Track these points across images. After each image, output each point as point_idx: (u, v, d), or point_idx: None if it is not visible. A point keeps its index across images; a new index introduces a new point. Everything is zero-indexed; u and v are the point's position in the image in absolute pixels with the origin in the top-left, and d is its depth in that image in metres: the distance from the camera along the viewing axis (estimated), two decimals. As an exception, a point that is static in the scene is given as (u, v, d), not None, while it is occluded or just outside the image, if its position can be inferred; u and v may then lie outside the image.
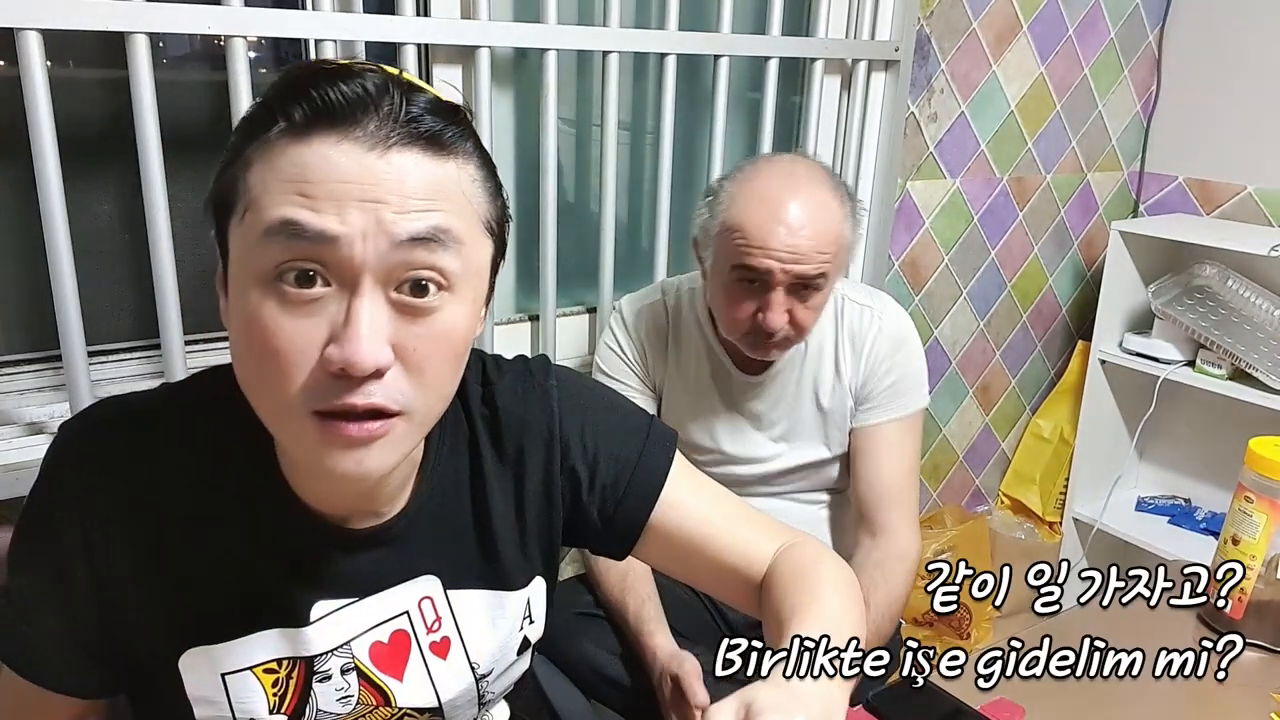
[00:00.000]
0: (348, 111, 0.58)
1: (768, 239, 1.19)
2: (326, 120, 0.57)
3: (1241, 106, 2.24)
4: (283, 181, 0.58)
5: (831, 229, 1.21)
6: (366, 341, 0.57)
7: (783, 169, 1.25)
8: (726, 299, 1.25)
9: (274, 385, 0.60)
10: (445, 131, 0.60)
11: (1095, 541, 2.36)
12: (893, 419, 1.37)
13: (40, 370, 1.32)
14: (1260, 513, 1.05)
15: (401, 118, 0.58)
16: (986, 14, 1.97)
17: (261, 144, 0.59)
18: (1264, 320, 2.11)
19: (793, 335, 1.25)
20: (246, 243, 0.59)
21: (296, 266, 0.57)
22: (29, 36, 1.08)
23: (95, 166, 1.29)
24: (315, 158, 0.57)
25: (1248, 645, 1.06)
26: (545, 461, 0.79)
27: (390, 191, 0.58)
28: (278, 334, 0.58)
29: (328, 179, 0.57)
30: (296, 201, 0.57)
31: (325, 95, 0.57)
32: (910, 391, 1.38)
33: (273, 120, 0.59)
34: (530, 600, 0.82)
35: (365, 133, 0.58)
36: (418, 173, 0.59)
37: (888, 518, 1.35)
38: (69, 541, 0.67)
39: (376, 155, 0.58)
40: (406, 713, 0.77)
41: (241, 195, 0.60)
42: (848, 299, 1.38)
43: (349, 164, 0.57)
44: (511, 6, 1.54)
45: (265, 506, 0.70)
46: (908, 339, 1.39)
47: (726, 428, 1.40)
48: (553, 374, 0.82)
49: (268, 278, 0.58)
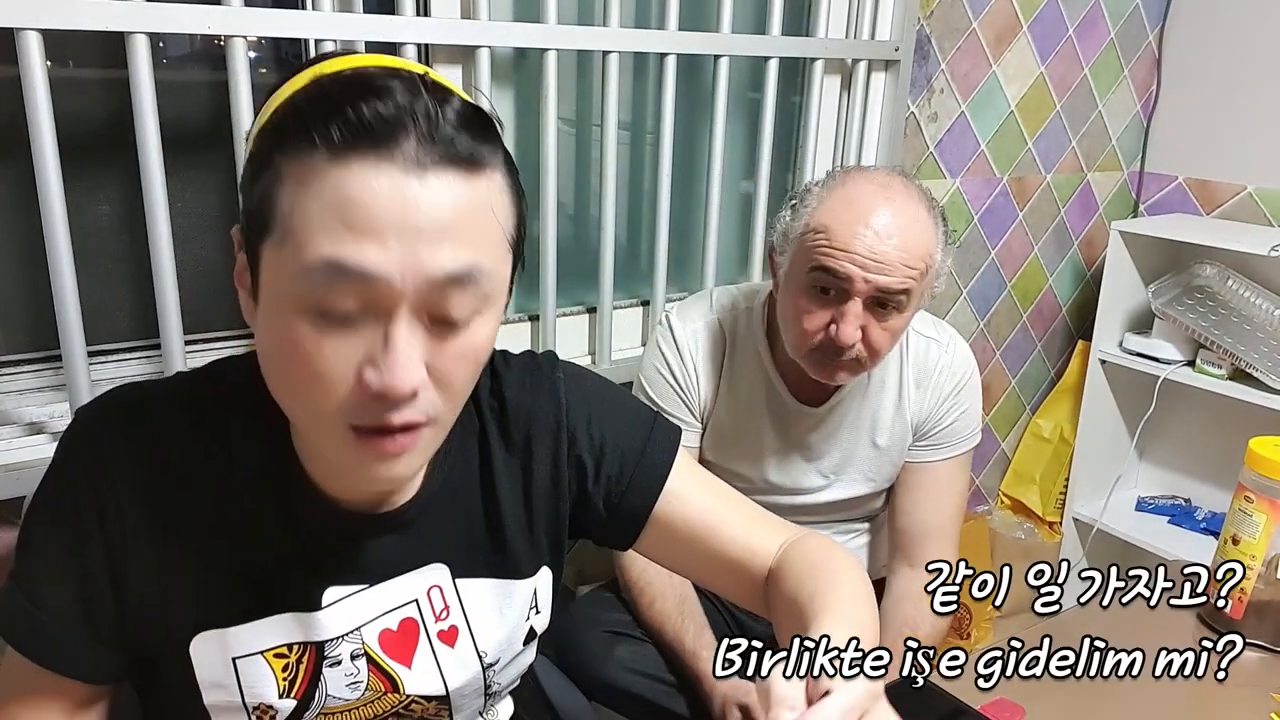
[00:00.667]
0: (386, 132, 0.57)
1: (851, 242, 1.11)
2: (365, 142, 0.57)
3: (1242, 106, 2.24)
4: (324, 212, 0.57)
5: (921, 244, 1.14)
6: (405, 369, 0.59)
7: (878, 178, 1.17)
8: (798, 308, 1.18)
9: (310, 401, 0.62)
10: (479, 148, 0.61)
11: (1095, 541, 2.36)
12: (948, 457, 1.35)
13: (40, 370, 1.31)
14: (1260, 513, 1.05)
15: (438, 137, 0.58)
16: (986, 14, 1.97)
17: (296, 162, 0.58)
18: (1264, 320, 2.11)
19: (864, 357, 1.17)
20: (284, 269, 0.59)
21: (337, 305, 0.58)
22: (29, 36, 1.08)
23: (95, 166, 1.28)
24: (356, 187, 0.57)
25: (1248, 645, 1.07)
26: (552, 452, 0.81)
27: (427, 220, 0.58)
28: (315, 356, 0.60)
29: (368, 210, 0.57)
30: (338, 236, 0.57)
31: (361, 114, 0.57)
32: (968, 431, 1.36)
33: (309, 137, 0.58)
34: (537, 590, 0.83)
35: (404, 155, 0.57)
36: (452, 198, 0.59)
37: (928, 554, 1.32)
38: (84, 523, 0.68)
39: (415, 179, 0.58)
40: (414, 700, 0.78)
41: (278, 218, 0.59)
42: (914, 331, 1.32)
43: (389, 192, 0.57)
44: (511, 6, 1.54)
45: (279, 492, 0.71)
46: (971, 376, 1.35)
47: (774, 458, 1.34)
48: (560, 367, 0.84)
49: (307, 307, 0.59)
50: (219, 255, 1.39)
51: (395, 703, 0.77)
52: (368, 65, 0.61)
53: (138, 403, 0.72)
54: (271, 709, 0.73)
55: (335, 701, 0.75)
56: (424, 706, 0.79)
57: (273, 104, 0.63)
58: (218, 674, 0.71)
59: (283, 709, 0.73)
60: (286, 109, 0.61)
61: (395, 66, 0.62)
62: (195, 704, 0.72)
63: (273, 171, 0.59)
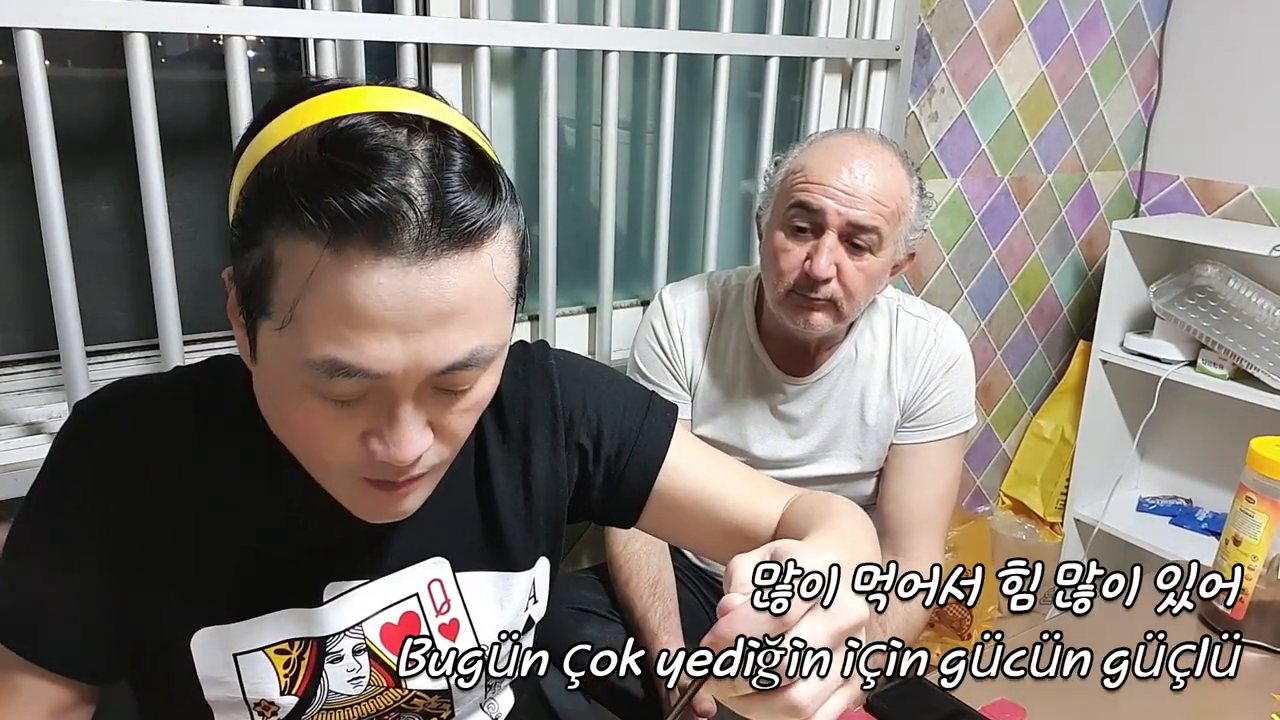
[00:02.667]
0: (385, 224, 0.54)
1: (826, 176, 1.19)
2: (362, 235, 0.54)
3: (1243, 106, 2.24)
4: (324, 312, 0.55)
5: (894, 186, 1.21)
6: (410, 444, 0.60)
7: (858, 133, 1.28)
8: (776, 249, 1.24)
9: (313, 456, 0.64)
10: (484, 215, 0.57)
11: (1096, 542, 2.36)
12: (936, 440, 1.35)
13: (38, 370, 1.31)
14: (1261, 513, 1.05)
15: (441, 216, 0.55)
16: (987, 13, 1.97)
17: (290, 247, 0.55)
18: (1265, 320, 2.10)
19: (839, 298, 1.22)
20: (284, 354, 0.58)
21: (338, 393, 0.58)
22: (27, 36, 1.08)
23: (94, 166, 1.28)
24: (355, 289, 0.54)
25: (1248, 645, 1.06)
26: (550, 440, 0.81)
27: (430, 312, 0.56)
28: (319, 429, 0.61)
29: (370, 311, 0.55)
30: (340, 336, 0.56)
31: (354, 206, 0.53)
32: (958, 413, 1.36)
33: (302, 221, 0.54)
34: (535, 581, 0.83)
35: (403, 246, 0.54)
36: (457, 283, 0.56)
37: (915, 541, 1.32)
38: (85, 519, 0.68)
39: (418, 270, 0.55)
40: (416, 695, 0.78)
41: (275, 304, 0.57)
42: (904, 310, 1.36)
43: (390, 289, 0.54)
44: (511, 5, 1.54)
45: (278, 488, 0.71)
46: (962, 358, 1.36)
47: (757, 429, 1.37)
48: (551, 354, 0.84)
49: (308, 389, 0.59)
50: (217, 255, 1.39)
51: (397, 697, 0.77)
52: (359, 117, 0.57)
53: (138, 397, 0.72)
54: (273, 705, 0.72)
55: (337, 697, 0.75)
56: (425, 700, 0.79)
57: (260, 148, 0.59)
58: (219, 670, 0.71)
59: (284, 705, 0.73)
60: (274, 181, 0.56)
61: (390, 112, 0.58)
62: (196, 700, 0.72)
63: (264, 250, 0.57)
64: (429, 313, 0.56)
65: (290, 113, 0.59)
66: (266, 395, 0.64)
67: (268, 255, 0.57)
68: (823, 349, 1.34)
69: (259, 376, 0.64)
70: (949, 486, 1.37)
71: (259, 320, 0.59)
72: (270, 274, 0.57)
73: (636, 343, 1.41)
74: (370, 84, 0.61)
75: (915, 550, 1.31)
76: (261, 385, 0.64)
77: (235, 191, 0.60)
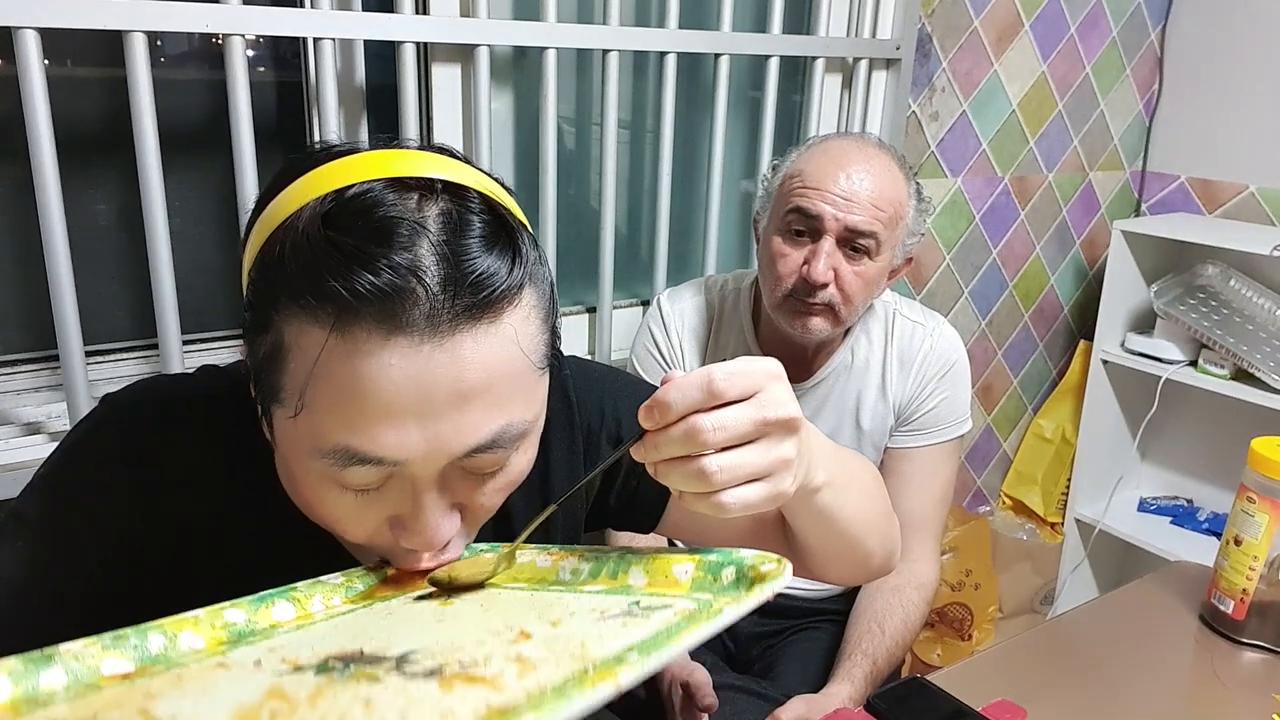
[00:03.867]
0: (392, 303, 0.51)
1: (824, 181, 1.19)
2: (370, 316, 0.51)
3: (1244, 105, 2.24)
4: (335, 399, 0.53)
5: (891, 191, 1.21)
6: (436, 532, 0.59)
7: (853, 138, 1.27)
8: (774, 253, 1.24)
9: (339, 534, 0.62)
10: (501, 285, 0.54)
11: (1097, 542, 2.35)
12: (931, 444, 1.35)
13: (37, 370, 1.31)
14: (1262, 513, 1.05)
15: (455, 289, 0.52)
16: (988, 12, 1.97)
17: (298, 331, 0.53)
18: (1266, 320, 2.10)
19: (837, 303, 1.22)
20: (299, 440, 0.56)
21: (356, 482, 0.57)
22: (27, 35, 1.08)
23: (93, 166, 1.28)
24: (365, 372, 0.52)
25: (1248, 646, 1.06)
26: (568, 453, 0.80)
27: (447, 393, 0.53)
28: (339, 514, 0.59)
29: (382, 396, 0.52)
30: (353, 424, 0.53)
31: (358, 288, 0.51)
32: (953, 417, 1.36)
33: (307, 304, 0.52)
34: None
35: (415, 325, 0.51)
36: (476, 358, 0.54)
37: (910, 545, 1.31)
38: (97, 512, 0.66)
39: (431, 347, 0.52)
40: None
41: (286, 392, 0.55)
42: (900, 314, 1.36)
43: (402, 371, 0.52)
44: (511, 5, 1.54)
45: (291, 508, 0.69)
46: (958, 363, 1.36)
47: None
48: (564, 364, 0.82)
49: (325, 476, 0.57)
50: (217, 255, 1.39)
51: None
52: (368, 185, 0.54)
53: (171, 397, 0.70)
54: None
55: None
56: None
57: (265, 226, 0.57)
58: None
59: None
60: (277, 263, 0.54)
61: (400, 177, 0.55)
62: None
63: (273, 334, 0.55)
64: (447, 394, 0.53)
65: (296, 184, 0.57)
66: (286, 479, 0.62)
67: (277, 340, 0.55)
68: (820, 354, 1.34)
69: (278, 458, 0.62)
70: (944, 490, 1.37)
71: (272, 407, 0.58)
72: (280, 360, 0.55)
73: (635, 348, 1.41)
74: (380, 147, 0.59)
75: (911, 553, 1.31)
76: (281, 468, 0.63)
77: (245, 271, 0.59)
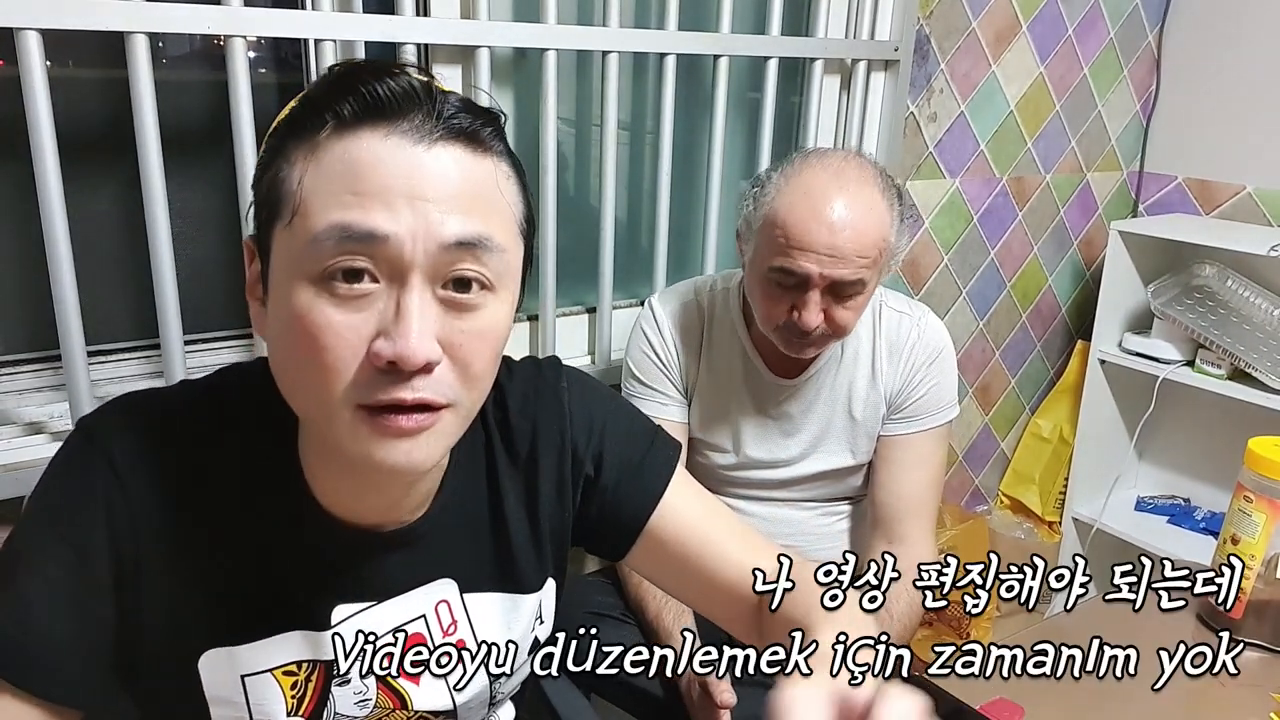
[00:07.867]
0: (395, 105, 0.59)
1: (807, 238, 1.17)
2: (374, 114, 0.59)
3: (1241, 106, 2.24)
4: (332, 181, 0.59)
5: (874, 231, 1.19)
6: (417, 337, 0.58)
7: (832, 166, 1.21)
8: (763, 294, 1.25)
9: (320, 382, 0.60)
10: (483, 129, 0.63)
11: (1095, 541, 2.36)
12: (923, 430, 1.37)
13: (39, 370, 1.31)
14: (1259, 512, 1.05)
15: (444, 114, 0.60)
16: (986, 14, 1.97)
17: (308, 144, 0.60)
18: (1263, 320, 2.11)
19: (830, 334, 1.24)
20: (295, 246, 0.60)
21: (346, 265, 0.58)
22: (28, 36, 1.08)
23: (95, 166, 1.28)
24: (364, 153, 0.59)
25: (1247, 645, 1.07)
26: (557, 464, 0.80)
27: (436, 189, 0.59)
28: (326, 329, 0.59)
29: (376, 175, 0.58)
30: (346, 202, 0.58)
31: (373, 90, 0.59)
32: (942, 404, 1.38)
33: (319, 119, 0.60)
34: (542, 602, 0.83)
35: (411, 126, 0.59)
36: (459, 170, 0.61)
37: (908, 529, 1.35)
38: (93, 538, 0.65)
39: (423, 149, 0.59)
40: (423, 716, 0.77)
41: (288, 199, 0.60)
42: (886, 306, 1.38)
43: (396, 158, 0.59)
44: (511, 6, 1.54)
45: (287, 509, 0.70)
46: (945, 350, 1.38)
47: (753, 431, 1.38)
48: (564, 375, 0.83)
49: (317, 277, 0.59)
50: (219, 255, 1.39)
51: (404, 718, 0.77)
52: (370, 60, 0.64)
53: (148, 413, 0.69)
54: None
55: (344, 719, 0.74)
56: None
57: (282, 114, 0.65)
58: (226, 691, 0.70)
59: None
60: (299, 102, 0.63)
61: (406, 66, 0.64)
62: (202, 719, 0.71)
63: (283, 157, 0.61)
64: (434, 188, 0.59)
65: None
66: (275, 329, 0.63)
67: (284, 159, 0.61)
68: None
69: (270, 322, 0.63)
70: (937, 473, 1.40)
71: (272, 233, 0.61)
72: (285, 173, 0.61)
73: (629, 351, 1.41)
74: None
75: (909, 537, 1.34)
76: (272, 326, 0.63)
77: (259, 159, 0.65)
